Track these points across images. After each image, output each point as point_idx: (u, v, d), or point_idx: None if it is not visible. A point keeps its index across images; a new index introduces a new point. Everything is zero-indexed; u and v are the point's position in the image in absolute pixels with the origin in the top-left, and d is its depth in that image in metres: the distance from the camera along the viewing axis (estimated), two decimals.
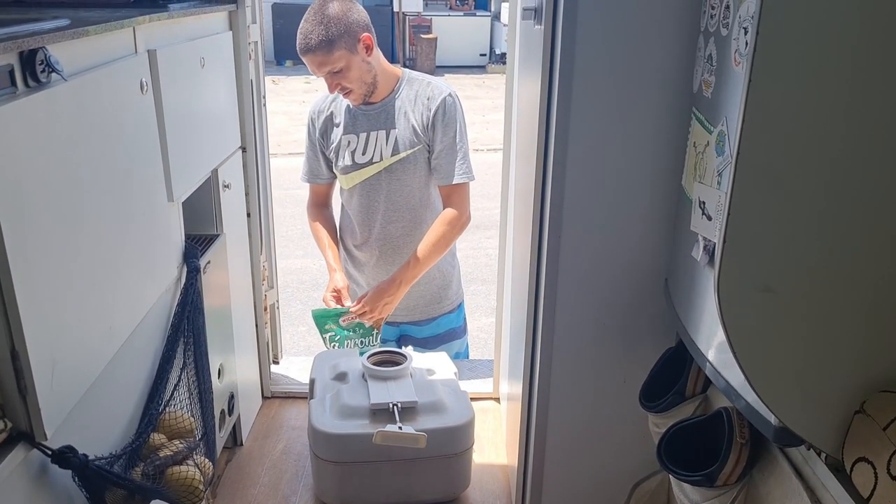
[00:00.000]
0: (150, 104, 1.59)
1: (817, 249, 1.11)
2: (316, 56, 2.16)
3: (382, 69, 2.28)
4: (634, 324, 1.79)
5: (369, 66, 2.23)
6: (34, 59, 1.15)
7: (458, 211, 2.33)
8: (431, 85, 2.31)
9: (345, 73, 2.19)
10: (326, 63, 2.16)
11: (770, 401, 1.15)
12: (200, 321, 1.82)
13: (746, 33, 1.18)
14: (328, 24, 2.14)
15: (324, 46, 2.14)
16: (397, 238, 2.37)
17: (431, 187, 2.36)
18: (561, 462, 1.95)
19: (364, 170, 2.33)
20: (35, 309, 1.14)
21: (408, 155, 2.29)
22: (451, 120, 2.27)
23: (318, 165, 2.43)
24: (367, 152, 2.31)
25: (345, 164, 2.35)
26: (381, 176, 2.32)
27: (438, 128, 2.26)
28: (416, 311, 2.47)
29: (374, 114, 2.30)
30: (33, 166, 1.15)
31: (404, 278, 2.31)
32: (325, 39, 2.13)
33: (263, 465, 2.24)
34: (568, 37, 1.55)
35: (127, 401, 1.56)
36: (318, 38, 2.13)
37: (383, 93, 2.29)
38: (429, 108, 2.26)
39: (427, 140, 2.28)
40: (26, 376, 1.14)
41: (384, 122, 2.30)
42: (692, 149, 1.46)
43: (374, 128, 2.30)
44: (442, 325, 2.49)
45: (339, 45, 2.15)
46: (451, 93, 2.30)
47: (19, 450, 1.17)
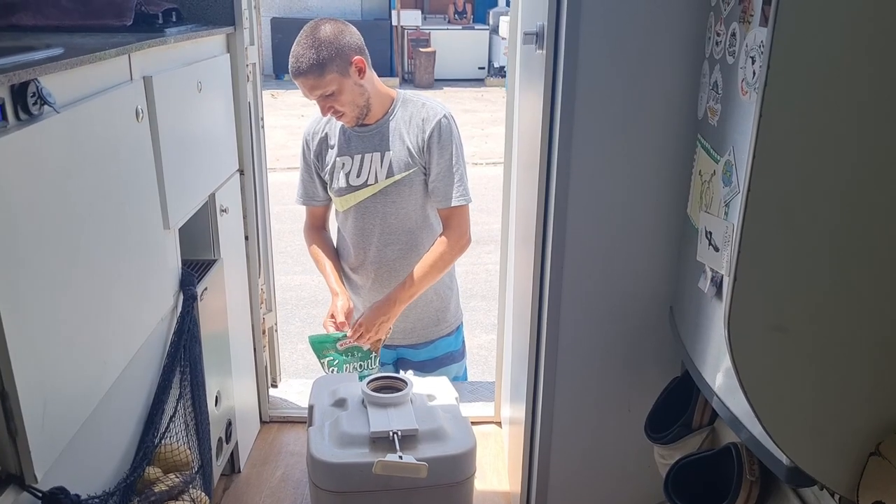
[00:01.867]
0: (146, 132, 1.56)
1: (830, 287, 1.08)
2: (307, 79, 2.13)
3: (376, 91, 2.25)
4: (639, 351, 1.76)
5: (362, 88, 2.20)
6: (25, 91, 1.12)
7: (458, 233, 2.30)
8: (426, 107, 2.28)
9: (337, 97, 2.16)
10: (318, 86, 2.14)
11: (782, 441, 1.12)
12: (197, 350, 1.79)
13: (754, 62, 1.16)
14: (319, 48, 2.11)
15: (315, 70, 2.11)
16: (393, 261, 2.34)
17: (428, 210, 2.33)
18: (564, 490, 1.92)
19: (359, 192, 2.30)
20: (25, 347, 1.11)
21: (403, 177, 2.26)
22: (446, 142, 2.24)
23: (314, 187, 2.41)
24: (362, 174, 2.29)
25: (339, 186, 2.32)
26: (376, 198, 2.30)
27: (434, 150, 2.24)
28: (414, 334, 2.44)
29: (368, 136, 2.28)
30: (25, 200, 1.12)
31: (400, 297, 2.28)
32: (315, 63, 2.11)
33: (262, 493, 2.21)
34: (570, 63, 1.53)
35: (121, 434, 1.52)
36: (308, 62, 2.11)
37: (377, 114, 2.27)
38: (423, 131, 2.24)
39: (422, 162, 2.26)
40: (16, 417, 1.10)
41: (378, 144, 2.27)
42: (698, 177, 1.43)
43: (369, 150, 2.28)
44: (440, 348, 2.46)
45: (330, 68, 2.12)
46: (447, 114, 2.27)
47: (9, 493, 1.13)
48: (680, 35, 1.50)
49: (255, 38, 2.31)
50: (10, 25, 1.81)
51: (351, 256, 2.40)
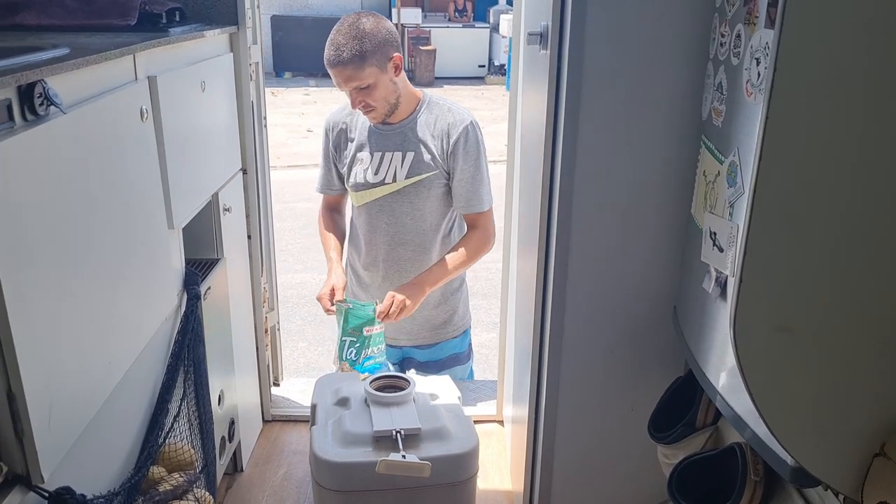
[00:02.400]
0: (151, 131, 1.56)
1: (835, 288, 1.08)
2: (346, 70, 2.11)
3: (406, 90, 2.25)
4: (642, 351, 1.76)
5: (395, 86, 2.20)
6: (32, 92, 1.13)
7: (485, 234, 2.33)
8: (452, 112, 2.28)
9: (371, 91, 2.15)
10: (355, 78, 2.12)
11: (787, 441, 1.12)
12: (201, 349, 1.79)
13: (759, 64, 1.16)
14: (363, 39, 2.09)
15: (356, 61, 2.10)
16: (404, 261, 2.34)
17: (443, 213, 2.34)
18: (567, 490, 1.92)
19: (375, 189, 2.30)
20: (32, 349, 1.11)
21: (422, 179, 2.26)
22: (472, 149, 2.25)
23: (331, 177, 2.41)
24: (380, 172, 2.29)
25: (356, 181, 2.33)
26: (392, 197, 2.30)
27: (460, 156, 2.24)
28: (420, 335, 2.44)
29: (391, 134, 2.28)
30: (31, 201, 1.13)
31: (427, 281, 2.28)
32: (358, 54, 2.09)
33: (264, 492, 2.21)
34: (574, 63, 1.53)
35: (125, 434, 1.52)
36: (350, 52, 2.09)
37: (403, 114, 2.27)
38: (449, 136, 2.24)
39: (445, 167, 2.26)
40: (23, 419, 1.11)
41: (401, 143, 2.27)
42: (702, 177, 1.43)
43: (390, 148, 2.28)
44: (445, 349, 2.46)
45: (371, 61, 2.11)
46: (473, 121, 2.27)
47: (16, 493, 1.14)
48: (684, 36, 1.50)
49: (257, 37, 2.31)
50: (14, 25, 1.81)
51: (362, 252, 2.41)
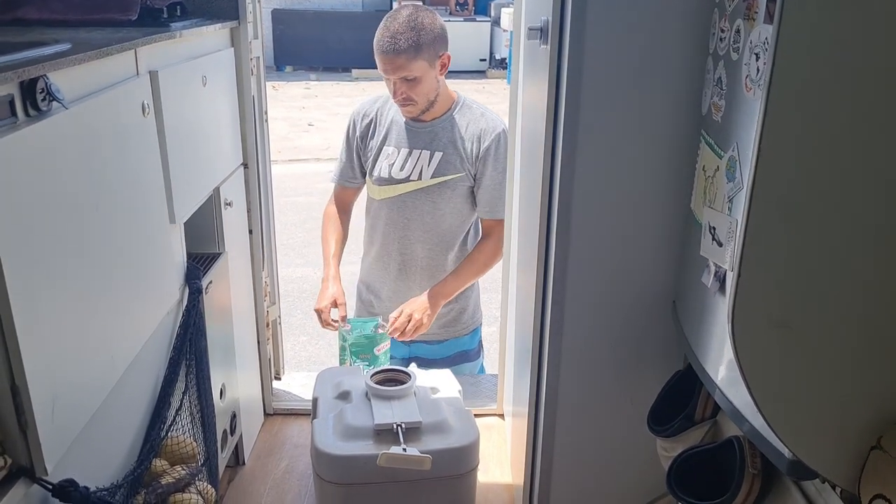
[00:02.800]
0: (152, 126, 1.57)
1: (835, 283, 1.09)
2: (398, 58, 2.12)
3: (444, 90, 2.27)
4: (642, 344, 1.77)
5: (437, 84, 2.21)
6: (34, 87, 1.13)
7: (499, 244, 2.35)
8: (486, 117, 2.29)
9: (416, 84, 2.16)
10: (405, 68, 2.13)
11: (785, 435, 1.13)
12: (203, 343, 1.80)
13: (758, 59, 1.16)
14: (420, 31, 2.12)
15: (410, 51, 2.11)
16: (421, 259, 2.36)
17: (463, 217, 2.35)
18: (567, 482, 1.93)
19: (399, 185, 2.31)
20: (36, 343, 1.12)
21: (448, 180, 2.27)
22: (501, 157, 2.26)
23: (351, 168, 2.42)
24: (406, 169, 2.30)
25: (380, 175, 2.33)
26: (416, 195, 2.31)
27: (490, 162, 2.26)
28: (429, 331, 2.45)
29: (421, 132, 2.28)
30: (34, 197, 1.13)
31: (443, 293, 2.32)
32: (413, 45, 2.11)
33: (266, 484, 2.22)
34: (575, 58, 1.53)
35: (128, 427, 1.54)
36: (407, 42, 2.11)
37: (436, 113, 2.28)
38: (481, 140, 2.25)
39: (472, 171, 2.27)
40: (27, 412, 1.12)
41: (430, 142, 2.28)
42: (701, 172, 1.44)
43: (418, 146, 2.28)
44: (453, 346, 2.48)
45: (423, 54, 2.13)
46: (505, 129, 2.28)
47: (20, 485, 1.15)
48: (685, 31, 1.50)
49: (258, 31, 2.31)
50: (15, 19, 1.81)
51: (377, 246, 2.41)
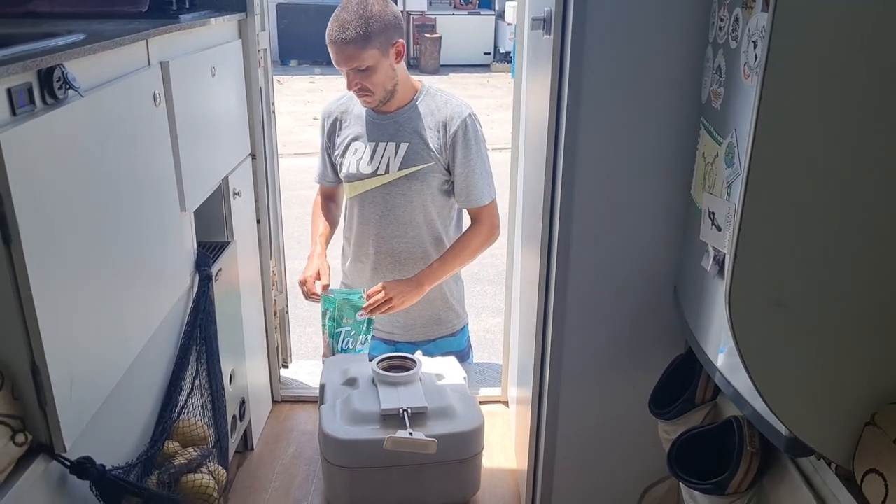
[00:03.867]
0: (163, 115, 1.60)
1: (828, 263, 1.12)
2: (347, 48, 2.09)
3: (404, 79, 2.24)
4: (644, 330, 1.80)
5: (394, 73, 2.18)
6: (51, 76, 1.16)
7: (488, 227, 2.33)
8: (450, 104, 2.25)
9: (370, 74, 2.14)
10: (355, 58, 2.10)
11: (780, 412, 1.16)
12: (212, 329, 1.84)
13: (756, 47, 1.19)
14: (369, 20, 2.08)
15: (359, 41, 2.08)
16: (397, 254, 2.34)
17: (440, 206, 2.32)
18: (570, 467, 1.96)
19: (368, 180, 2.29)
20: (54, 325, 1.16)
21: (416, 171, 2.24)
22: (471, 142, 2.22)
23: (326, 168, 2.42)
24: (373, 163, 2.27)
25: (349, 171, 2.31)
26: (386, 189, 2.28)
27: (459, 150, 2.22)
28: (414, 331, 2.45)
29: (385, 124, 2.26)
30: (52, 183, 1.17)
31: (426, 280, 2.29)
32: (362, 34, 2.07)
33: (274, 469, 2.26)
34: (577, 48, 1.56)
35: (141, 409, 1.57)
36: (355, 32, 2.07)
37: (399, 103, 2.25)
38: (447, 128, 2.22)
39: (443, 160, 2.24)
40: (46, 391, 1.15)
41: (394, 134, 2.25)
42: (701, 159, 1.47)
43: (384, 139, 2.26)
44: (440, 347, 2.46)
45: (374, 43, 2.09)
46: (471, 113, 2.25)
47: (39, 462, 1.19)
48: (685, 20, 1.53)
49: (265, 23, 2.34)
50: (27, 13, 1.84)
51: (353, 246, 2.42)
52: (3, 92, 1.07)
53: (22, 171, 1.07)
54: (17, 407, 1.15)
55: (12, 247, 1.08)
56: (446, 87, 2.35)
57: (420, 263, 2.34)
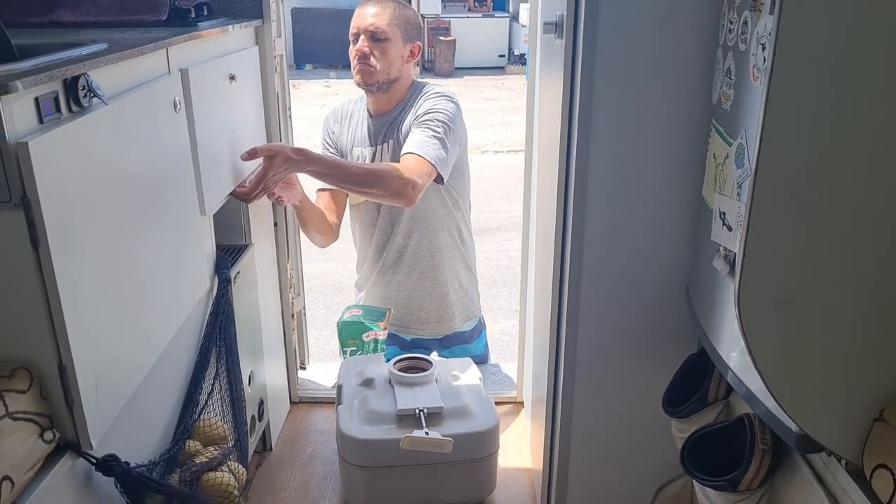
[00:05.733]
0: (183, 121, 1.64)
1: (836, 262, 1.14)
2: (375, 9, 2.21)
3: (405, 81, 2.30)
4: (656, 330, 1.81)
5: (400, 66, 2.25)
6: (76, 85, 1.20)
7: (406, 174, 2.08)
8: (430, 88, 2.32)
9: (381, 46, 2.21)
10: (379, 23, 2.20)
11: (790, 409, 1.17)
12: (232, 330, 1.87)
13: (764, 49, 1.21)
14: (404, 10, 2.24)
15: (388, 13, 2.20)
16: (402, 248, 2.39)
17: (437, 196, 2.34)
18: (585, 466, 1.98)
19: None
20: (80, 326, 1.19)
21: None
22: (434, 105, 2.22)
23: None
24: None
25: None
26: None
27: (421, 110, 2.22)
28: (427, 326, 2.49)
29: (381, 126, 2.32)
30: (77, 188, 1.20)
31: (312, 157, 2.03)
32: (394, 12, 2.21)
33: (293, 469, 2.29)
34: (589, 51, 1.58)
35: (163, 409, 1.61)
36: (391, 7, 2.22)
37: (394, 102, 2.31)
38: (418, 105, 2.27)
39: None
40: (72, 389, 1.19)
41: (388, 133, 2.31)
42: (712, 160, 1.48)
43: (380, 140, 2.32)
44: (456, 354, 2.52)
45: (399, 25, 2.21)
46: (450, 95, 2.29)
47: (66, 459, 1.22)
48: (695, 23, 1.54)
49: (282, 29, 2.38)
50: (50, 22, 1.89)
51: (362, 246, 2.46)
52: (30, 101, 1.11)
53: (49, 177, 1.11)
54: (45, 405, 1.19)
55: (40, 250, 1.11)
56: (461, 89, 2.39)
57: (429, 259, 2.38)
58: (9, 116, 1.06)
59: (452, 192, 2.37)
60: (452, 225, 2.41)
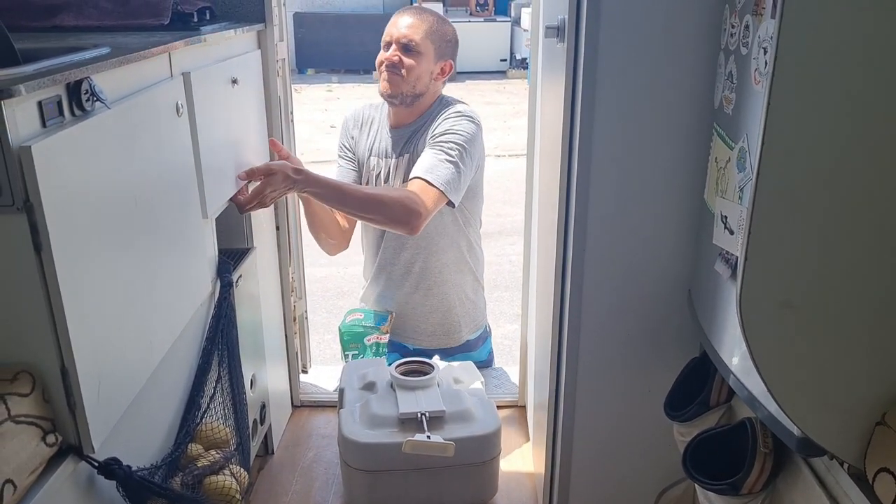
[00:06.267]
0: (186, 125, 1.64)
1: (838, 265, 1.14)
2: (413, 20, 2.18)
3: (431, 97, 2.27)
4: (658, 333, 1.81)
5: (429, 82, 2.22)
6: (80, 89, 1.20)
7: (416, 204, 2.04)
8: (454, 105, 2.28)
9: (413, 59, 2.18)
10: (414, 34, 2.17)
11: (792, 412, 1.17)
12: (234, 334, 1.87)
13: (766, 53, 1.21)
14: (443, 25, 2.21)
15: (426, 25, 2.17)
16: (410, 263, 2.39)
17: (448, 215, 2.33)
18: (587, 470, 1.97)
19: None
20: (82, 329, 1.19)
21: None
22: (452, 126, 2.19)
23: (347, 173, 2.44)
24: (390, 179, 2.33)
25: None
26: None
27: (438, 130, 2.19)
28: (434, 338, 2.49)
29: (400, 138, 2.31)
30: (80, 192, 1.21)
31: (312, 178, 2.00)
32: (432, 25, 2.18)
33: (294, 473, 2.29)
34: (590, 55, 1.58)
35: (166, 413, 1.61)
36: (429, 20, 2.19)
37: (416, 115, 2.30)
38: (436, 123, 2.24)
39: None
40: (75, 393, 1.19)
41: (405, 146, 2.30)
42: (714, 164, 1.49)
43: (397, 154, 2.32)
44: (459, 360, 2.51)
45: (435, 39, 2.18)
46: (469, 113, 2.24)
47: (69, 462, 1.22)
48: (697, 27, 1.55)
49: (283, 34, 2.38)
50: (53, 26, 1.90)
51: (369, 256, 2.46)
52: (33, 105, 1.11)
53: (52, 180, 1.11)
54: (47, 409, 1.19)
55: (42, 254, 1.11)
56: (463, 94, 2.38)
57: (436, 274, 2.37)
58: (12, 120, 1.06)
59: (465, 211, 2.36)
60: (462, 241, 2.40)
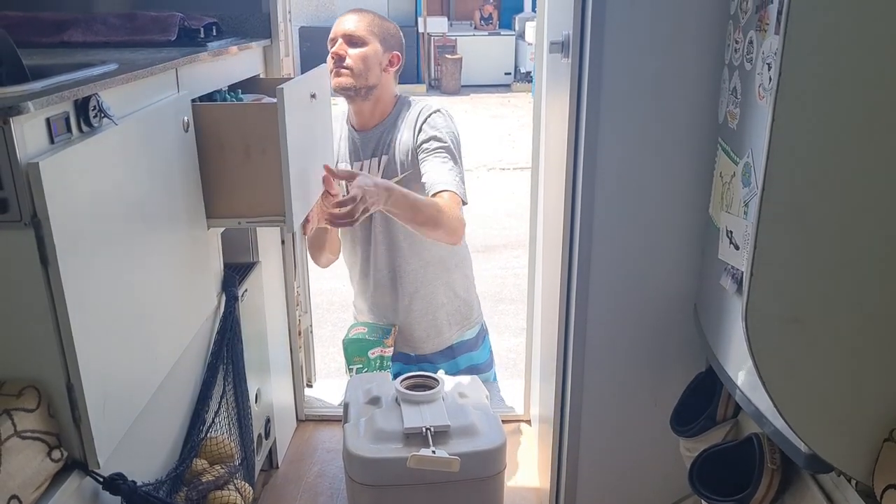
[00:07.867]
0: (192, 140, 1.65)
1: (844, 280, 1.14)
2: (359, 17, 2.23)
3: (387, 91, 2.29)
4: (664, 348, 1.81)
5: (379, 74, 2.24)
6: (87, 105, 1.21)
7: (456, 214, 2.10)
8: (422, 104, 2.30)
9: (359, 50, 2.20)
10: (357, 29, 2.21)
11: (799, 428, 1.17)
12: (239, 348, 1.87)
13: (770, 69, 1.21)
14: (384, 20, 2.27)
15: (367, 20, 2.23)
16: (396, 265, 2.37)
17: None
18: (593, 484, 1.97)
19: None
20: (88, 344, 1.19)
21: (398, 181, 2.22)
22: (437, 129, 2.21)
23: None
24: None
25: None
26: None
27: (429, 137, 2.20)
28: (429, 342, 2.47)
29: (367, 141, 2.31)
30: (87, 207, 1.21)
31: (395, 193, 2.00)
32: (372, 20, 2.24)
33: (299, 487, 2.29)
34: (595, 71, 1.59)
35: (171, 428, 1.61)
36: (369, 15, 2.25)
37: (379, 117, 2.30)
38: (416, 123, 2.24)
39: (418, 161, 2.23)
40: (80, 408, 1.19)
41: (375, 148, 2.30)
42: (719, 179, 1.49)
43: (367, 156, 2.31)
44: (461, 363, 2.50)
45: (377, 33, 2.22)
46: (441, 109, 2.27)
47: (74, 477, 1.22)
48: (701, 42, 1.55)
49: (289, 49, 2.39)
50: (61, 42, 1.91)
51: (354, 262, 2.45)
52: (41, 121, 1.12)
53: (59, 196, 1.12)
54: (52, 424, 1.19)
55: (49, 269, 1.12)
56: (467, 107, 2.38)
57: (419, 275, 2.37)
58: (20, 137, 1.07)
59: None
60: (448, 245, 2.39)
